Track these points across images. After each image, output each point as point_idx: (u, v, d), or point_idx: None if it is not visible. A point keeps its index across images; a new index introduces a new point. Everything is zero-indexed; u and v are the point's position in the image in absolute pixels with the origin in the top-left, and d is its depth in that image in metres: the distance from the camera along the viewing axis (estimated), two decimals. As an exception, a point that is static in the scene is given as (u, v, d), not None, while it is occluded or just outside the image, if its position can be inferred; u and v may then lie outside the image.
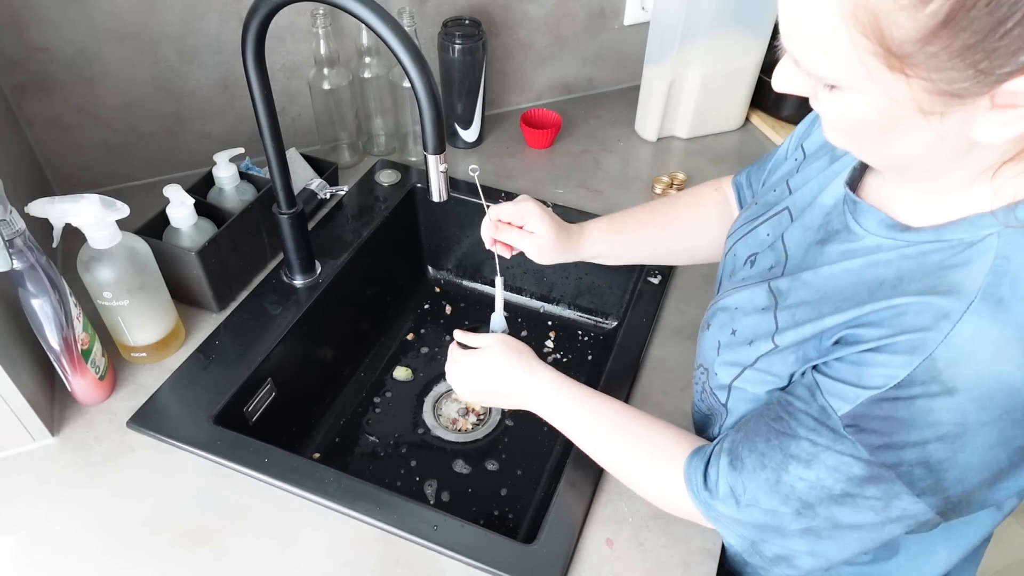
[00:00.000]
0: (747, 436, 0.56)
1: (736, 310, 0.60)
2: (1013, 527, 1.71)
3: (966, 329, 0.43)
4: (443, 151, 0.70)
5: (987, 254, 0.44)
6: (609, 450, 0.67)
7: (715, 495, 0.56)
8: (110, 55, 0.98)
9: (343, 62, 1.08)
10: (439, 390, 1.06)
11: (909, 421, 0.45)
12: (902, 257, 0.49)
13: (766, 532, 0.54)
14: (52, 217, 0.71)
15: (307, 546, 0.70)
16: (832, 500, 0.50)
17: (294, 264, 0.94)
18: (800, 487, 0.51)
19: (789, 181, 0.64)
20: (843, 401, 0.48)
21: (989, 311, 0.43)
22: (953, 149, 0.44)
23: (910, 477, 0.46)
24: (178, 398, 0.81)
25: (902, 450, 0.46)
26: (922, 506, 0.47)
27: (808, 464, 0.50)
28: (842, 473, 0.49)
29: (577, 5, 1.23)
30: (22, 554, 0.69)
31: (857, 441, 0.47)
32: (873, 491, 0.48)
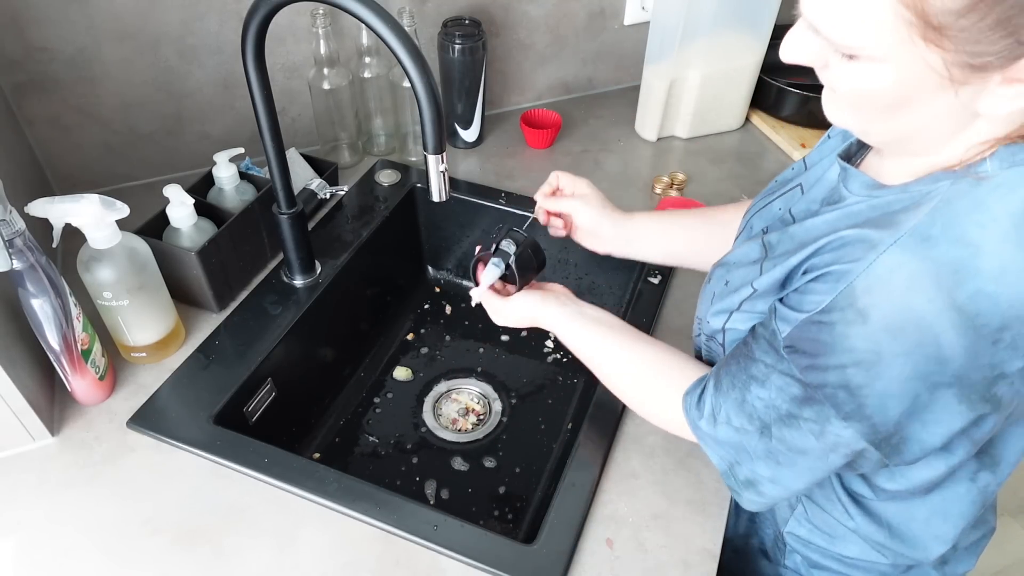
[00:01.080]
0: (726, 361, 0.60)
1: (733, 264, 0.63)
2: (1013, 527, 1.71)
3: (888, 260, 0.45)
4: (443, 151, 0.70)
5: (934, 199, 0.46)
6: (617, 367, 0.70)
7: (702, 415, 0.60)
8: (110, 55, 0.98)
9: (343, 62, 1.08)
10: (439, 390, 1.06)
11: (830, 344, 0.48)
12: (871, 208, 0.51)
13: (740, 453, 0.58)
14: (52, 217, 0.71)
15: (307, 546, 0.70)
16: (782, 421, 0.53)
17: (294, 264, 0.94)
18: (759, 406, 0.55)
19: (806, 158, 0.67)
20: (786, 323, 0.51)
21: (913, 245, 0.45)
22: (956, 123, 0.46)
23: (835, 399, 0.49)
24: (178, 398, 0.81)
25: (825, 372, 0.49)
26: (851, 432, 0.50)
27: (762, 384, 0.54)
28: (785, 393, 0.52)
29: (577, 5, 1.23)
30: (22, 554, 0.69)
31: (791, 361, 0.51)
32: (809, 412, 0.51)
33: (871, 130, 0.51)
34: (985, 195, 0.45)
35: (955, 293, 0.43)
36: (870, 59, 0.43)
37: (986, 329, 0.44)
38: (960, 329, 0.44)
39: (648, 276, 0.99)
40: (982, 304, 0.43)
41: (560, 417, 1.03)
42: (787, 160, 1.21)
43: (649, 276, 0.99)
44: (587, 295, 1.15)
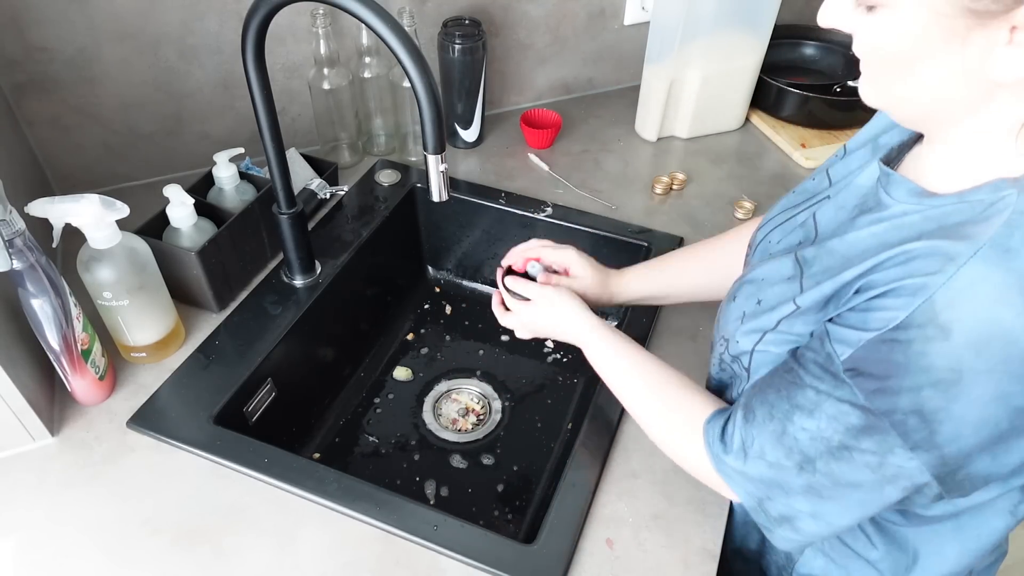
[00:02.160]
0: (760, 389, 0.56)
1: (763, 281, 0.60)
2: (1013, 527, 1.70)
3: (970, 272, 0.43)
4: (443, 151, 0.70)
5: (1005, 211, 0.44)
6: (639, 403, 0.69)
7: (728, 448, 0.57)
8: (110, 55, 0.98)
9: (343, 62, 1.08)
10: (439, 390, 1.06)
11: (904, 364, 0.45)
12: (925, 219, 0.49)
13: (772, 489, 0.54)
14: (52, 217, 0.71)
15: (307, 546, 0.70)
16: (831, 454, 0.50)
17: (294, 264, 0.94)
18: (803, 438, 0.51)
19: (829, 171, 0.65)
20: (846, 346, 0.48)
21: (996, 257, 0.43)
22: (970, 90, 0.45)
23: (904, 427, 0.46)
24: (178, 398, 0.81)
25: (897, 396, 0.45)
26: (916, 463, 0.47)
27: (811, 413, 0.50)
28: (840, 423, 0.49)
29: (577, 5, 1.23)
30: (22, 554, 0.69)
31: (855, 386, 0.47)
32: (868, 443, 0.48)
33: (895, 102, 0.50)
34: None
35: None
36: (884, 6, 0.45)
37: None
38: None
39: (648, 276, 0.99)
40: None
41: (560, 417, 1.03)
42: (787, 160, 1.21)
43: (649, 276, 0.99)
44: (587, 295, 1.15)
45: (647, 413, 0.69)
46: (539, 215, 1.08)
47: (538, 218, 1.08)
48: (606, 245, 1.07)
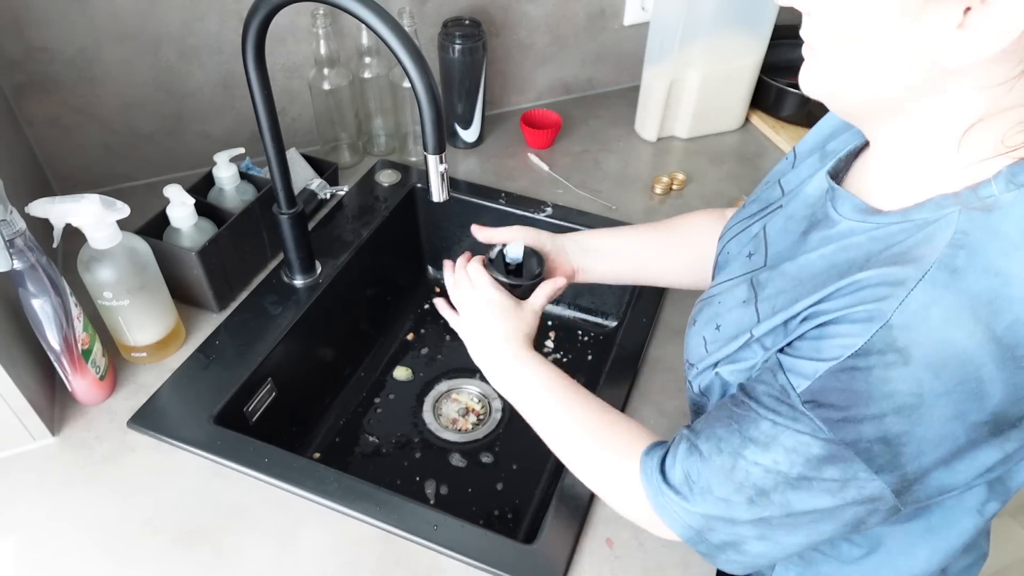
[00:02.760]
0: (707, 423, 0.55)
1: (720, 304, 0.60)
2: (1013, 527, 1.71)
3: (920, 295, 0.43)
4: (443, 151, 0.70)
5: (948, 229, 0.44)
6: (564, 438, 0.66)
7: (669, 483, 0.55)
8: (110, 55, 0.98)
9: (343, 62, 1.08)
10: (439, 390, 1.06)
11: (867, 393, 0.44)
12: (871, 239, 0.49)
13: (715, 521, 0.53)
14: (52, 217, 0.71)
15: (307, 546, 0.70)
16: (788, 485, 0.49)
17: (294, 264, 0.94)
18: (755, 473, 0.50)
19: (781, 180, 0.64)
20: (802, 377, 0.47)
21: (944, 279, 0.43)
22: (919, 77, 0.44)
23: (869, 454, 0.45)
24: (178, 398, 0.81)
25: (860, 424, 0.45)
26: (879, 483, 0.47)
27: (766, 447, 0.49)
28: (800, 455, 0.48)
29: (577, 5, 1.23)
30: (22, 554, 0.69)
31: (816, 417, 0.46)
32: (831, 472, 0.47)
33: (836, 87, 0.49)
34: (999, 222, 0.43)
35: (993, 324, 0.42)
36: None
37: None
38: (1000, 362, 0.42)
39: (648, 276, 0.99)
40: (1020, 333, 0.42)
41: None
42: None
43: (649, 276, 0.99)
44: (587, 295, 1.15)
45: (578, 447, 0.65)
46: (539, 215, 1.08)
47: (538, 218, 1.08)
48: (606, 245, 1.07)
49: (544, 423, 0.67)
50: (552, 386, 0.67)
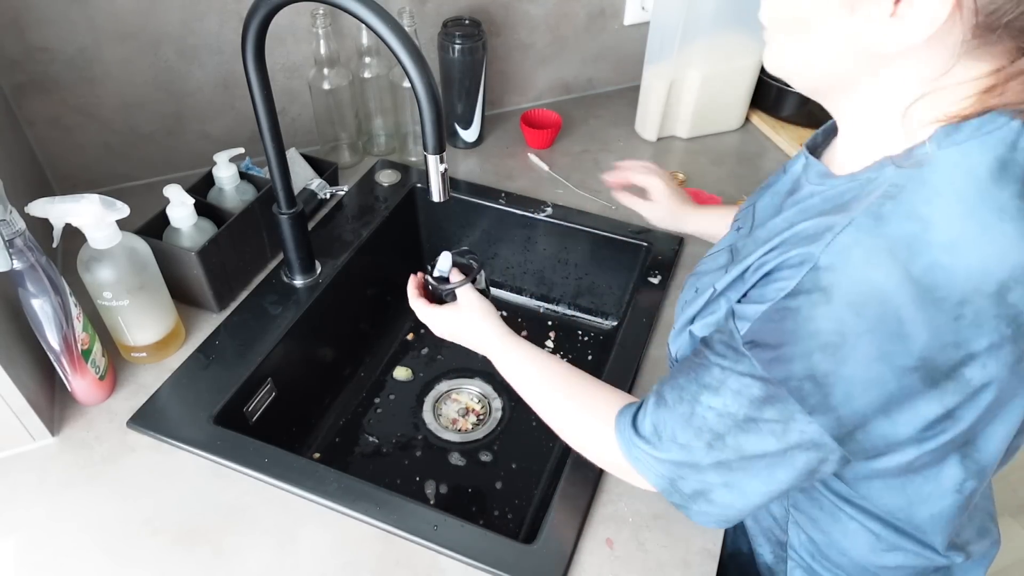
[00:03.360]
0: (672, 375, 0.58)
1: (703, 272, 0.64)
2: (1013, 527, 1.71)
3: (845, 238, 0.46)
4: (443, 151, 0.70)
5: (883, 184, 0.48)
6: (547, 403, 0.70)
7: (639, 435, 0.58)
8: (110, 55, 0.98)
9: (343, 62, 1.08)
10: (439, 390, 1.06)
11: (794, 331, 0.47)
12: (824, 200, 0.53)
13: (683, 468, 0.55)
14: (52, 217, 0.71)
15: (307, 546, 0.70)
16: (738, 427, 0.52)
17: (294, 264, 0.94)
18: (710, 417, 0.53)
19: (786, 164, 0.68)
20: (746, 321, 0.50)
21: (868, 224, 0.46)
22: (859, 63, 0.49)
23: (800, 392, 0.48)
24: (178, 398, 0.81)
25: (790, 363, 0.47)
26: (815, 427, 0.49)
27: (716, 391, 0.52)
28: (744, 396, 0.51)
29: (577, 5, 1.23)
30: (22, 554, 0.69)
31: (753, 357, 0.49)
32: (771, 412, 0.50)
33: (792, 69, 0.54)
34: (928, 175, 0.46)
35: (910, 266, 0.44)
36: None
37: (946, 303, 0.44)
38: (919, 303, 0.44)
39: (648, 276, 0.99)
40: (939, 276, 0.44)
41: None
42: (787, 160, 1.21)
43: (649, 276, 0.99)
44: (587, 295, 1.15)
45: (559, 415, 0.69)
46: (539, 215, 1.08)
47: (538, 218, 1.09)
48: (606, 245, 1.07)
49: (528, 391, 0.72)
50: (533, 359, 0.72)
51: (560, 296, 1.17)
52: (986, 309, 0.44)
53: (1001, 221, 0.45)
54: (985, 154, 0.46)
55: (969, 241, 0.44)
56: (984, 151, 0.46)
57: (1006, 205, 0.45)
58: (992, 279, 0.44)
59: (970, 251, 0.44)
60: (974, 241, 0.44)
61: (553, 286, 1.17)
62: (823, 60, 0.51)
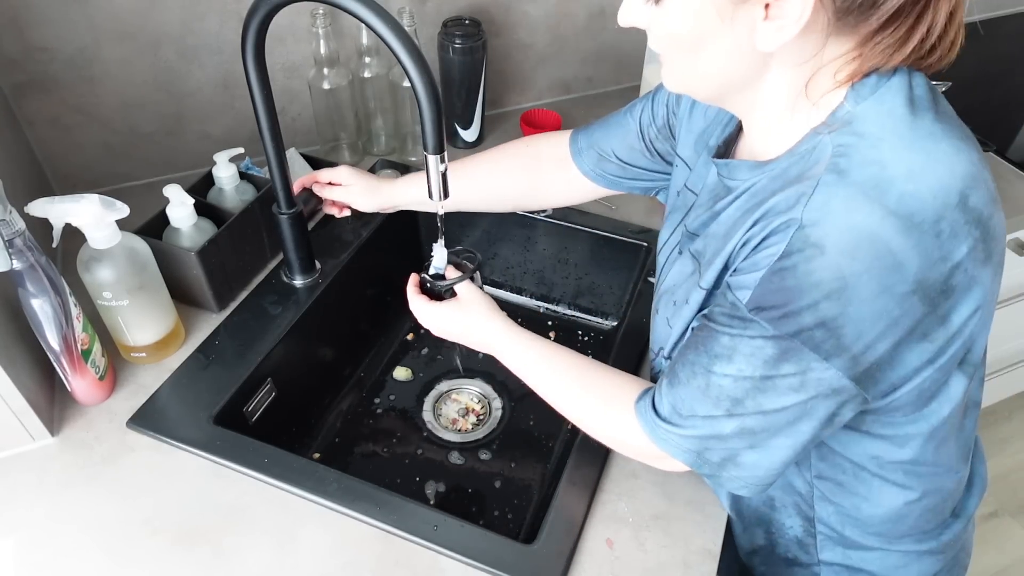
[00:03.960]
0: (680, 353, 0.60)
1: (674, 285, 0.66)
2: (1013, 527, 1.71)
3: (819, 196, 0.50)
4: (443, 151, 0.70)
5: (827, 148, 0.52)
6: (561, 392, 0.71)
7: (660, 416, 0.60)
8: (110, 55, 0.98)
9: (343, 62, 1.08)
10: (439, 390, 1.06)
11: (797, 287, 0.50)
12: (771, 179, 0.56)
13: (707, 440, 0.58)
14: (52, 217, 0.71)
15: (307, 546, 0.70)
16: (756, 388, 0.54)
17: (294, 264, 0.94)
18: (726, 384, 0.55)
19: (687, 183, 0.72)
20: (746, 289, 0.53)
21: (834, 179, 0.50)
22: (747, 63, 0.54)
23: (813, 341, 0.51)
24: (178, 398, 0.81)
25: (799, 315, 0.50)
26: (833, 371, 0.52)
27: (729, 358, 0.55)
28: (757, 357, 0.53)
29: (577, 5, 1.23)
30: (22, 554, 0.69)
31: (761, 319, 0.52)
32: (788, 367, 0.53)
33: (692, 83, 0.58)
34: (861, 127, 0.52)
35: (885, 201, 0.48)
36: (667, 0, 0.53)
37: (925, 224, 0.48)
38: (903, 231, 0.48)
39: (648, 276, 0.99)
40: (911, 203, 0.48)
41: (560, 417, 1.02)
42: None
43: (649, 276, 0.99)
44: (587, 295, 1.15)
45: (577, 404, 0.70)
46: (539, 215, 1.08)
47: (538, 218, 1.08)
48: (606, 245, 1.07)
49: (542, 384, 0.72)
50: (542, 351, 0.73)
51: (560, 296, 1.17)
52: (957, 218, 0.49)
53: (936, 142, 0.51)
54: (895, 97, 0.52)
55: (921, 167, 0.50)
56: (893, 95, 0.52)
57: (932, 129, 0.51)
58: (953, 191, 0.49)
59: (926, 174, 0.49)
60: (925, 165, 0.50)
61: (553, 286, 1.17)
62: (718, 70, 0.55)
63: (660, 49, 0.58)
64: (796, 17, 0.48)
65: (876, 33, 0.50)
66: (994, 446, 1.85)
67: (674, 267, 0.68)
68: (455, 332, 0.78)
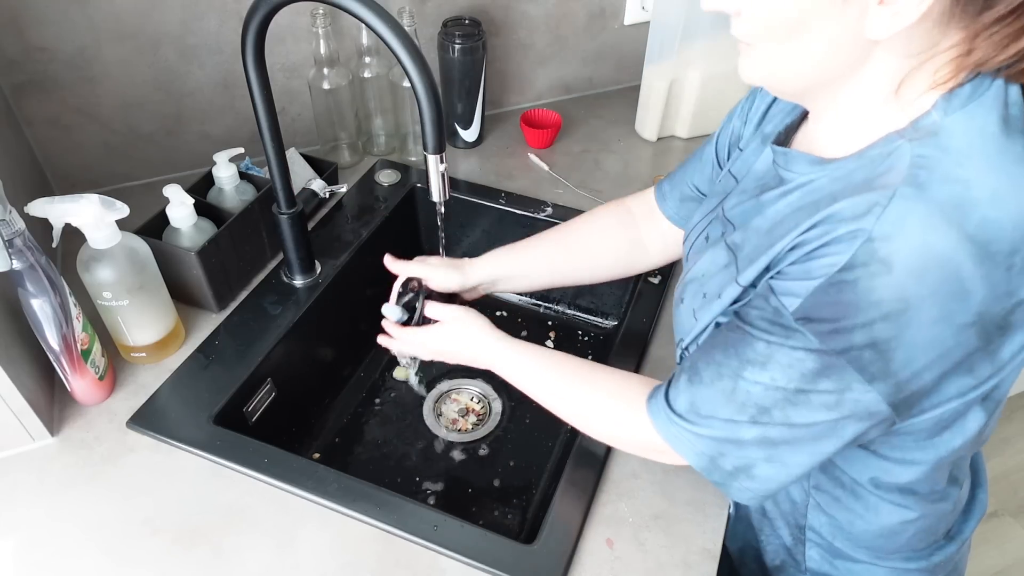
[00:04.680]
0: (704, 351, 0.58)
1: (703, 276, 0.63)
2: (1013, 527, 1.71)
3: (895, 209, 0.46)
4: (443, 151, 0.70)
5: (904, 157, 0.48)
6: (565, 397, 0.70)
7: (676, 413, 0.58)
8: (110, 55, 0.98)
9: (343, 62, 1.08)
10: (439, 390, 1.06)
11: (855, 303, 0.47)
12: (832, 180, 0.53)
13: (724, 444, 0.55)
14: (52, 217, 0.71)
15: (307, 546, 0.70)
16: (787, 400, 0.52)
17: (294, 264, 0.94)
18: (756, 391, 0.53)
19: (732, 169, 0.68)
20: (794, 297, 0.50)
21: (912, 193, 0.46)
22: (849, 52, 0.49)
23: (860, 361, 0.48)
24: (178, 398, 0.81)
25: (851, 333, 0.48)
26: (874, 395, 0.49)
27: (763, 366, 0.52)
28: (795, 369, 0.51)
29: (577, 5, 1.23)
30: (22, 554, 0.69)
31: (808, 331, 0.49)
32: (826, 383, 0.50)
33: (780, 77, 0.54)
34: (947, 141, 0.48)
35: (964, 225, 0.45)
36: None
37: (1000, 255, 0.46)
38: (977, 259, 0.45)
39: (648, 276, 0.99)
40: (990, 230, 0.46)
41: (560, 417, 1.03)
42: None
43: (649, 276, 0.99)
44: (587, 295, 1.15)
45: (583, 407, 0.69)
46: (539, 215, 1.08)
47: (538, 218, 1.09)
48: (606, 245, 1.07)
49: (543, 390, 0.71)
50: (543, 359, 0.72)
51: (560, 296, 1.17)
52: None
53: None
54: (988, 115, 0.48)
55: (1007, 193, 0.46)
56: (987, 112, 0.48)
57: (1022, 155, 0.48)
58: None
59: (1011, 202, 0.46)
60: (1010, 191, 0.46)
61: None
62: (816, 60, 0.51)
63: (749, 37, 0.53)
64: (917, 1, 0.44)
65: (995, 23, 0.45)
66: (994, 446, 1.85)
67: (705, 255, 0.64)
68: (449, 351, 0.76)
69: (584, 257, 0.85)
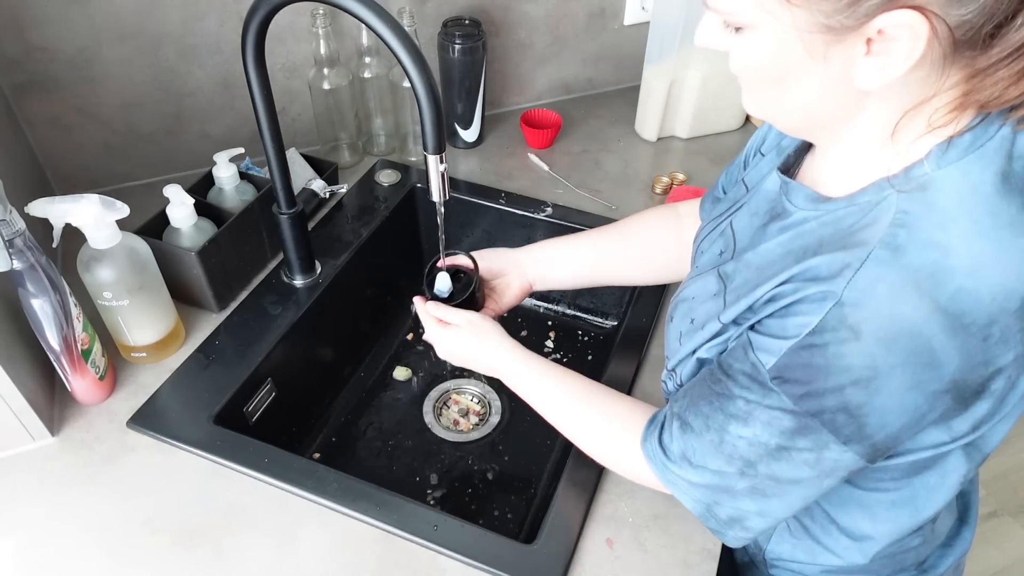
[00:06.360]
0: (692, 400, 0.58)
1: (694, 299, 0.63)
2: (1013, 527, 1.71)
3: (867, 274, 0.45)
4: (443, 151, 0.70)
5: (888, 211, 0.47)
6: (569, 419, 0.70)
7: (670, 460, 0.58)
8: (110, 55, 0.98)
9: (343, 62, 1.08)
10: (439, 390, 1.06)
11: (825, 367, 0.47)
12: (821, 225, 0.52)
13: (718, 493, 0.56)
14: (52, 217, 0.71)
15: (307, 546, 0.70)
16: (770, 456, 0.52)
17: (294, 264, 0.94)
18: (741, 445, 0.53)
19: (745, 179, 0.67)
20: (769, 355, 0.50)
21: (887, 257, 0.45)
22: (840, 101, 0.48)
23: (833, 424, 0.48)
24: (178, 398, 0.81)
25: (822, 397, 0.48)
26: (851, 455, 0.50)
27: (745, 422, 0.52)
28: (774, 427, 0.51)
29: (577, 5, 1.23)
30: (22, 554, 0.69)
31: (783, 392, 0.49)
32: (804, 442, 0.50)
33: (774, 114, 0.53)
34: (935, 197, 0.46)
35: (937, 296, 0.44)
36: (749, 27, 0.46)
37: (974, 327, 0.44)
38: (949, 331, 0.44)
39: (648, 276, 0.99)
40: (965, 302, 0.44)
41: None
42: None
43: (649, 276, 0.99)
44: (587, 295, 1.15)
45: (582, 427, 0.69)
46: (539, 215, 1.08)
47: (538, 218, 1.09)
48: (606, 245, 1.07)
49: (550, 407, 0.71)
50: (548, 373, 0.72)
51: (560, 296, 1.17)
52: (1011, 325, 0.45)
53: (1015, 237, 0.45)
54: (986, 170, 0.46)
55: (989, 262, 0.44)
56: (984, 166, 0.46)
57: (1015, 220, 0.45)
58: (1015, 296, 0.45)
59: (991, 272, 0.44)
60: (993, 261, 0.44)
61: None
62: (803, 107, 0.50)
63: (741, 77, 0.52)
64: (905, 54, 0.42)
65: (992, 67, 0.43)
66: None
67: (699, 279, 0.64)
68: (465, 356, 0.76)
69: (637, 252, 0.85)
